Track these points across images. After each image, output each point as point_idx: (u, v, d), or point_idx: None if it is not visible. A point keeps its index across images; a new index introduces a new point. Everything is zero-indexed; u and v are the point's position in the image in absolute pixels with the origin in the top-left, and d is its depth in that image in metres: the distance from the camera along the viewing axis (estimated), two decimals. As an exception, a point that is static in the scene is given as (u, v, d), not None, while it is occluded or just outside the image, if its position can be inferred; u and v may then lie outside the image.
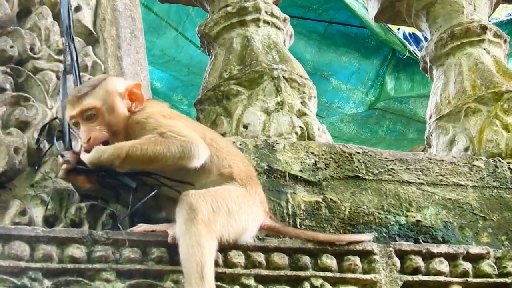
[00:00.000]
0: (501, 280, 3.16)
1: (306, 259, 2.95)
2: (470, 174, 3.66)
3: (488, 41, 4.48)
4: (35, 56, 3.31)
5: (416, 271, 3.08)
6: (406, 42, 7.63)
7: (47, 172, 3.08)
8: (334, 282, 2.95)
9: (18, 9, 3.41)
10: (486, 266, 3.17)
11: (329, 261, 2.97)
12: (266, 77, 3.86)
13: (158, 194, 2.90)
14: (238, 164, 2.98)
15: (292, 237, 2.99)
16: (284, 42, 4.22)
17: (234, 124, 3.76)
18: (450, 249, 3.16)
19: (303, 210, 3.28)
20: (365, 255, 3.03)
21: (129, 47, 3.55)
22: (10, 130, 3.12)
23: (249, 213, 2.88)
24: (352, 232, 3.29)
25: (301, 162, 3.41)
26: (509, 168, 3.74)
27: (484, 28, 4.48)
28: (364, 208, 3.38)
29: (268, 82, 3.85)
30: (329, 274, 2.95)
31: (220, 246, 2.76)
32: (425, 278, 3.08)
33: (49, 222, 3.00)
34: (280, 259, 2.91)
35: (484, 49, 4.47)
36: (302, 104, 3.86)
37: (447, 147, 4.27)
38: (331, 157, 3.48)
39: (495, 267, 3.18)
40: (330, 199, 3.36)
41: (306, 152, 3.46)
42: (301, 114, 3.81)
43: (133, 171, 2.87)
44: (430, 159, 3.65)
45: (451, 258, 3.14)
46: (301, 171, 3.39)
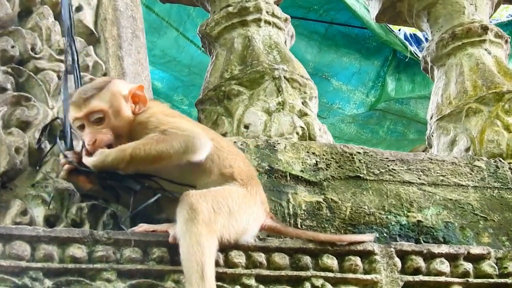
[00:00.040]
0: (502, 280, 3.15)
1: (307, 259, 2.94)
2: (471, 174, 3.66)
3: (489, 41, 4.47)
4: (36, 56, 3.31)
5: (417, 271, 3.08)
6: (407, 43, 7.62)
7: (48, 172, 3.08)
8: (335, 282, 2.95)
9: (19, 9, 3.41)
10: (487, 266, 3.17)
11: (330, 261, 2.97)
12: (267, 77, 3.86)
13: (159, 197, 2.90)
14: (239, 164, 2.97)
15: (293, 237, 2.99)
16: (285, 42, 4.21)
17: (235, 124, 3.76)
18: (451, 249, 3.16)
19: (304, 210, 3.28)
20: (366, 255, 3.03)
21: (130, 47, 3.55)
22: (11, 130, 3.11)
23: (249, 213, 2.88)
24: (353, 233, 3.29)
25: (302, 162, 3.41)
26: (510, 168, 3.74)
27: (485, 29, 4.48)
28: (365, 209, 3.38)
29: (269, 82, 3.85)
30: (330, 274, 2.95)
31: (221, 246, 2.75)
32: (426, 278, 3.08)
33: (50, 222, 3.00)
34: (281, 259, 2.91)
35: (485, 50, 4.47)
36: (303, 104, 3.86)
37: (448, 147, 4.27)
38: (332, 157, 3.48)
39: (496, 267, 3.18)
40: (331, 199, 3.35)
41: (307, 152, 3.46)
42: (302, 114, 3.81)
43: (136, 174, 2.87)
44: (431, 160, 3.65)
45: (452, 258, 3.14)
46: (302, 171, 3.39)
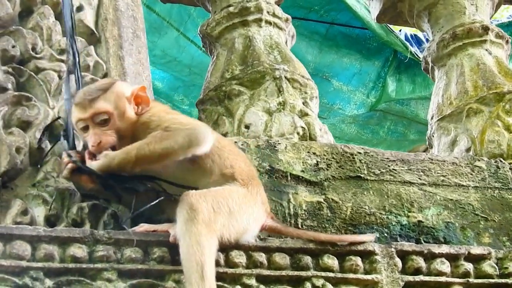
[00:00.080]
0: (503, 280, 3.15)
1: (308, 259, 2.94)
2: (471, 174, 3.66)
3: (490, 41, 4.47)
4: (37, 55, 3.31)
5: (417, 271, 3.07)
6: (407, 44, 7.63)
7: (48, 172, 3.08)
8: (335, 282, 2.95)
9: (20, 9, 3.41)
10: (488, 266, 3.17)
11: (331, 261, 2.96)
12: (268, 77, 3.86)
13: (161, 199, 2.90)
14: (240, 164, 2.97)
15: (293, 238, 2.99)
16: (286, 43, 4.21)
17: (236, 124, 3.76)
18: (452, 249, 3.16)
19: (304, 210, 3.28)
20: (366, 255, 3.03)
21: (131, 47, 3.55)
22: (11, 130, 3.11)
23: (250, 213, 2.88)
24: (354, 233, 3.29)
25: (302, 162, 3.41)
26: (510, 168, 3.74)
27: (486, 29, 4.48)
28: (365, 209, 3.38)
29: (270, 82, 3.85)
30: (331, 274, 2.95)
31: (222, 246, 2.75)
32: (427, 278, 3.08)
33: (50, 221, 3.00)
34: (281, 259, 2.91)
35: (486, 50, 4.47)
36: (304, 104, 3.86)
37: (448, 147, 4.27)
38: (333, 158, 3.48)
39: (497, 267, 3.18)
40: (332, 199, 3.35)
41: (308, 152, 3.46)
42: (303, 114, 3.81)
43: (138, 175, 2.87)
44: (432, 160, 3.65)
45: (452, 258, 3.14)
46: (302, 171, 3.39)
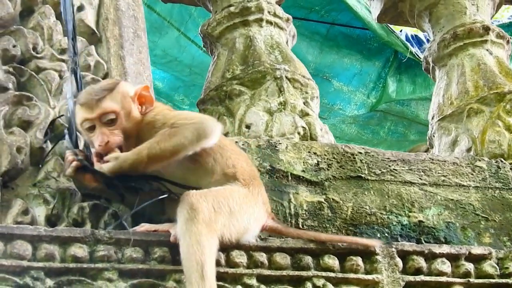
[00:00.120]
0: (503, 280, 3.15)
1: (308, 259, 2.94)
2: (472, 174, 3.66)
3: (491, 42, 4.47)
4: (38, 55, 3.31)
5: (418, 271, 3.07)
6: (408, 44, 7.62)
7: (49, 172, 3.08)
8: (336, 282, 2.95)
9: (21, 8, 3.41)
10: (488, 266, 3.17)
11: (331, 261, 2.96)
12: (269, 77, 3.85)
13: (165, 197, 2.90)
14: (242, 164, 2.98)
15: (294, 238, 2.99)
16: (286, 42, 4.21)
17: (237, 124, 3.75)
18: (452, 249, 3.16)
19: (305, 210, 3.28)
20: (367, 255, 3.03)
21: (132, 47, 3.55)
22: (12, 130, 3.11)
23: (251, 213, 2.88)
24: (354, 233, 3.29)
25: (303, 162, 3.41)
26: (511, 169, 3.74)
27: (487, 29, 4.47)
28: (366, 209, 3.37)
29: (270, 82, 3.84)
30: (331, 274, 2.95)
31: (222, 246, 2.75)
32: (427, 278, 3.08)
33: (51, 221, 3.00)
34: (282, 259, 2.91)
35: (487, 50, 4.46)
36: (304, 104, 3.85)
37: (449, 147, 4.27)
38: (334, 157, 3.48)
39: (497, 267, 3.18)
40: (333, 199, 3.35)
41: (309, 152, 3.46)
42: (303, 114, 3.81)
43: (142, 175, 2.88)
44: (433, 160, 3.65)
45: (453, 258, 3.14)
46: (303, 171, 3.39)
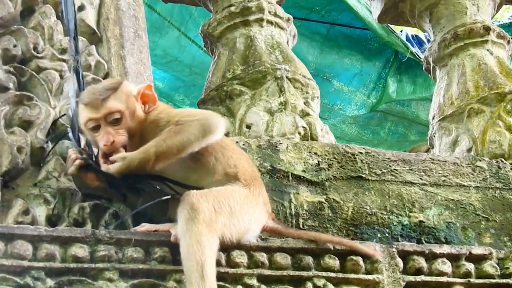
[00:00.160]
0: (504, 281, 3.15)
1: (309, 259, 2.94)
2: (473, 175, 3.66)
3: (491, 42, 4.47)
4: (39, 55, 3.31)
5: (418, 271, 3.07)
6: (408, 44, 7.63)
7: (50, 171, 3.08)
8: (336, 282, 2.95)
9: (22, 8, 3.41)
10: (489, 267, 3.17)
11: (332, 261, 2.96)
12: (269, 77, 3.85)
13: (168, 198, 2.90)
14: (243, 164, 2.98)
15: (294, 238, 2.99)
16: (287, 42, 4.21)
17: (237, 124, 3.75)
18: (453, 249, 3.16)
19: (306, 210, 3.28)
20: (367, 255, 3.03)
21: (133, 47, 3.55)
22: (13, 129, 3.11)
23: (251, 213, 2.88)
24: (355, 233, 3.29)
25: (304, 162, 3.41)
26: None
27: (487, 29, 4.47)
28: (367, 209, 3.37)
29: (271, 82, 3.84)
30: (332, 274, 2.95)
31: (223, 246, 2.76)
32: (428, 278, 3.08)
33: (52, 221, 3.00)
34: (283, 259, 2.91)
35: (488, 50, 4.46)
36: (305, 104, 3.85)
37: (450, 147, 4.27)
38: (334, 158, 3.48)
39: (498, 268, 3.18)
40: (333, 199, 3.35)
41: (309, 152, 3.46)
42: (304, 114, 3.81)
43: (145, 175, 2.87)
44: (433, 160, 3.65)
45: (453, 258, 3.14)
46: (304, 171, 3.38)
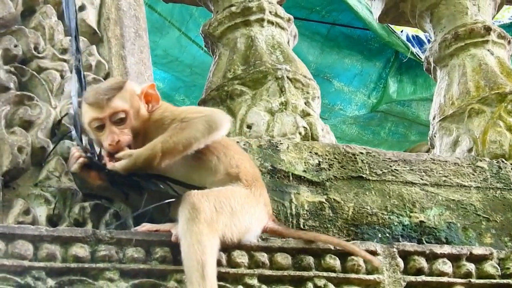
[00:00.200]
0: (504, 281, 3.16)
1: (310, 259, 2.94)
2: (473, 175, 3.66)
3: (492, 42, 4.47)
4: (39, 55, 3.31)
5: (419, 271, 3.08)
6: (409, 44, 7.62)
7: (51, 171, 3.08)
8: (337, 282, 2.95)
9: (23, 8, 3.41)
10: (490, 267, 3.17)
11: (333, 261, 2.96)
12: (270, 77, 3.85)
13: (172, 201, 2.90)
14: (245, 164, 2.98)
15: (295, 239, 2.99)
16: (288, 42, 4.21)
17: (238, 124, 3.75)
18: (454, 250, 3.16)
19: (306, 210, 3.28)
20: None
21: (133, 47, 3.55)
22: (14, 129, 3.11)
23: (252, 214, 2.88)
24: (356, 233, 3.29)
25: (304, 163, 3.41)
26: (512, 169, 3.75)
27: (488, 29, 4.47)
28: (367, 209, 3.38)
29: (272, 82, 3.84)
30: (333, 274, 2.95)
31: (224, 246, 2.76)
32: (428, 278, 3.08)
33: (52, 221, 3.00)
34: (283, 259, 2.91)
35: (488, 50, 4.46)
36: (306, 105, 3.85)
37: (450, 148, 4.26)
38: (335, 158, 3.48)
39: (498, 268, 3.18)
40: (334, 199, 3.35)
41: (310, 152, 3.46)
42: (305, 115, 3.81)
43: (148, 174, 2.87)
44: (434, 160, 3.65)
45: (454, 259, 3.14)
46: (304, 171, 3.39)
